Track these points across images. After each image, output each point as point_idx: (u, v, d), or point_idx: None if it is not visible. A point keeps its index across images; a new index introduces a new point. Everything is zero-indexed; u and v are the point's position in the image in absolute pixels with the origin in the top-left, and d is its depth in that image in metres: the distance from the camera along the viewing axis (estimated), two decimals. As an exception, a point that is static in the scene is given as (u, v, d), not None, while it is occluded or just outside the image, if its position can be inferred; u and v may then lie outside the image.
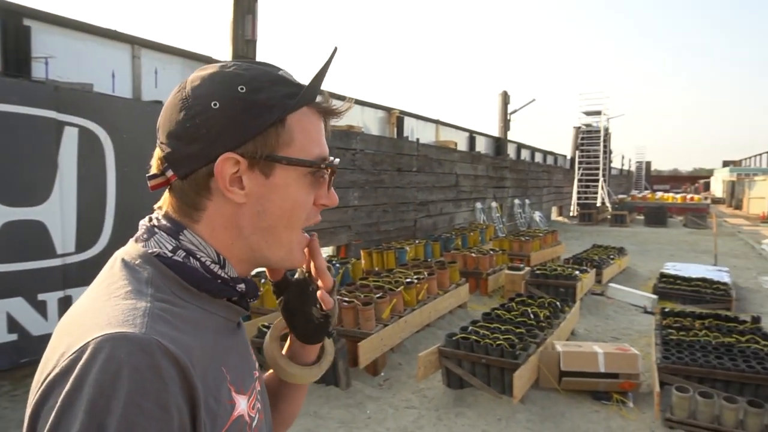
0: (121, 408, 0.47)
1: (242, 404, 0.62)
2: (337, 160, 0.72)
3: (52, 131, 4.09)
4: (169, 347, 0.52)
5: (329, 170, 0.69)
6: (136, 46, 5.68)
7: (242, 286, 0.67)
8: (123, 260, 0.62)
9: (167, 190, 0.67)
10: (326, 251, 8.29)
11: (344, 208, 7.81)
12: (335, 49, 0.67)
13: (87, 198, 4.33)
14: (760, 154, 47.41)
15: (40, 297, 4.05)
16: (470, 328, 4.57)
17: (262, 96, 0.63)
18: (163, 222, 0.65)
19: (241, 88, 0.62)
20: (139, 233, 0.66)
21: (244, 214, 0.65)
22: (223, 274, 0.65)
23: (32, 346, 3.94)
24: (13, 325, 3.89)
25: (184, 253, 0.63)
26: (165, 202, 0.67)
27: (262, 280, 5.32)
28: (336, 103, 0.71)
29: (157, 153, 0.66)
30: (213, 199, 0.64)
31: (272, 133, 0.64)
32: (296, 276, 0.83)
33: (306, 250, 0.77)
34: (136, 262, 0.62)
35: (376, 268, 7.17)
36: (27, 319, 3.96)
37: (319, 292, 0.80)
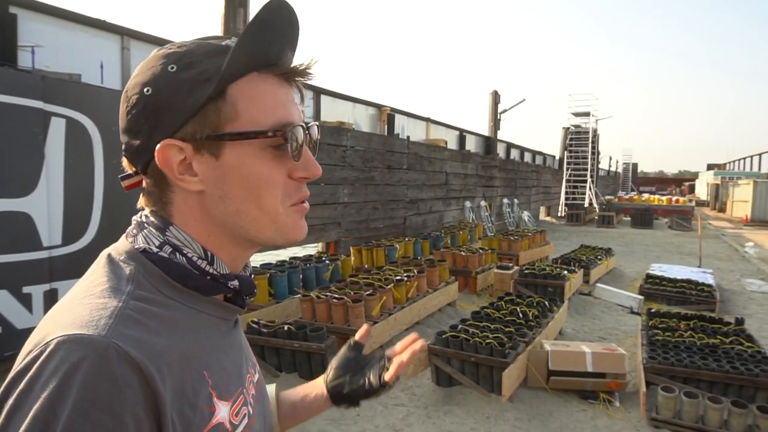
0: (67, 414, 0.45)
1: (223, 411, 0.59)
2: (313, 124, 0.66)
3: (39, 122, 4.02)
4: (129, 352, 0.49)
5: (296, 136, 0.61)
6: (125, 37, 5.60)
7: (235, 282, 0.64)
8: (109, 255, 0.60)
9: (133, 184, 0.65)
10: (315, 247, 8.27)
11: (334, 204, 7.79)
12: (274, 3, 0.58)
13: (74, 190, 4.27)
14: (744, 158, 48.15)
15: (25, 290, 3.98)
16: (460, 326, 4.58)
17: (193, 71, 0.58)
18: (152, 218, 0.62)
19: (171, 68, 0.58)
20: (129, 229, 0.64)
21: (209, 201, 0.60)
22: (211, 270, 0.61)
23: (16, 339, 3.87)
24: (-3, 318, 3.82)
25: (171, 249, 0.60)
26: (141, 200, 0.64)
27: (252, 276, 5.29)
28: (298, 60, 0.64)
29: None
30: (176, 191, 0.61)
31: (211, 110, 0.58)
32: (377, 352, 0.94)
33: (409, 341, 0.91)
34: (121, 258, 0.59)
35: (366, 265, 7.16)
36: (11, 312, 3.89)
37: (392, 369, 0.90)
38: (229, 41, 0.62)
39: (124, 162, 0.63)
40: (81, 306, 0.53)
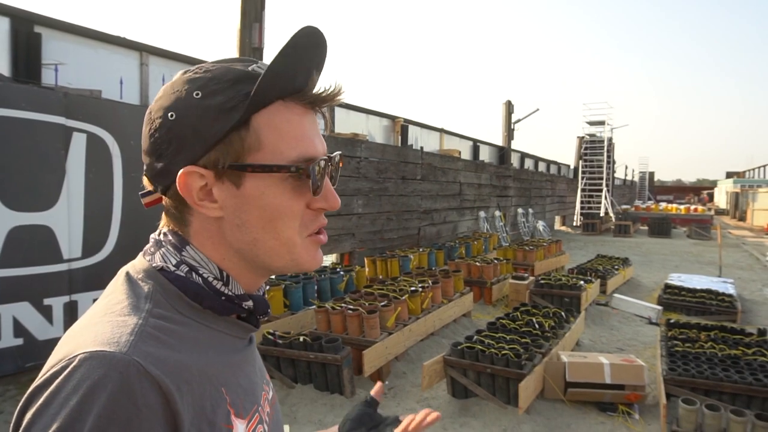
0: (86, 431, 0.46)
1: (240, 429, 0.59)
2: (337, 154, 0.67)
3: (61, 137, 4.12)
4: (150, 370, 0.49)
5: (319, 170, 0.61)
6: (144, 53, 5.73)
7: (249, 303, 0.64)
8: (127, 274, 0.61)
9: (153, 202, 0.66)
10: (330, 258, 8.29)
11: (348, 215, 7.82)
12: (306, 31, 0.59)
13: (94, 204, 4.35)
14: (764, 166, 47.33)
15: (46, 302, 4.06)
16: (475, 337, 4.55)
17: (218, 99, 0.58)
18: (170, 237, 0.63)
19: (197, 94, 0.58)
20: (147, 247, 0.64)
21: (226, 228, 0.61)
22: (227, 291, 0.62)
23: (37, 351, 3.94)
24: (19, 329, 3.89)
25: (187, 269, 0.61)
26: (163, 218, 0.66)
27: (267, 287, 5.32)
28: (324, 87, 0.63)
29: None
30: (194, 215, 0.62)
31: (235, 139, 0.58)
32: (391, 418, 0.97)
33: (421, 417, 0.94)
34: (139, 276, 0.60)
35: (380, 276, 7.17)
36: (33, 324, 3.97)
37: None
38: (256, 66, 0.61)
39: (145, 180, 0.64)
40: (102, 323, 0.54)
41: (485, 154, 16.02)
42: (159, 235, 0.64)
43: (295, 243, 0.62)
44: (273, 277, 5.95)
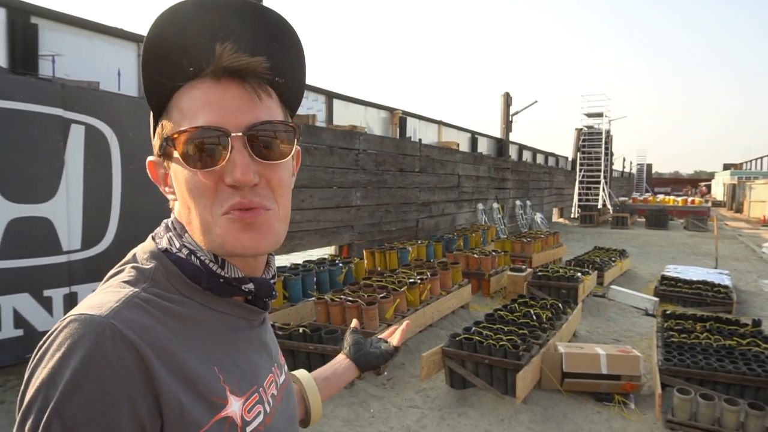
0: (63, 384, 0.49)
1: (235, 405, 0.60)
2: (257, 126, 0.60)
3: (59, 129, 4.11)
4: (126, 333, 0.52)
5: (191, 141, 0.58)
6: (141, 44, 5.70)
7: (250, 285, 0.65)
8: (134, 255, 0.64)
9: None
10: (328, 250, 8.31)
11: (347, 207, 7.83)
12: (171, 10, 0.58)
13: (93, 195, 4.35)
14: (761, 158, 47.43)
15: (46, 293, 4.07)
16: (473, 328, 4.59)
17: (145, 83, 0.61)
18: (174, 223, 0.66)
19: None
20: (157, 230, 0.67)
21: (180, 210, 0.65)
22: (223, 274, 0.63)
23: (38, 342, 3.91)
24: (19, 320, 3.91)
25: (188, 251, 0.63)
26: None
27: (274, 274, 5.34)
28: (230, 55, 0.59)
29: None
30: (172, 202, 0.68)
31: (164, 125, 0.62)
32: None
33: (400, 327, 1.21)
34: (144, 257, 0.63)
35: (379, 268, 7.20)
36: (33, 315, 3.98)
37: (397, 334, 1.24)
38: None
39: None
40: (98, 294, 0.58)
41: (483, 146, 16.02)
42: (169, 222, 0.67)
43: (208, 222, 0.60)
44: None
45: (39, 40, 4.69)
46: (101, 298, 0.56)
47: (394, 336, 1.22)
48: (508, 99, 16.71)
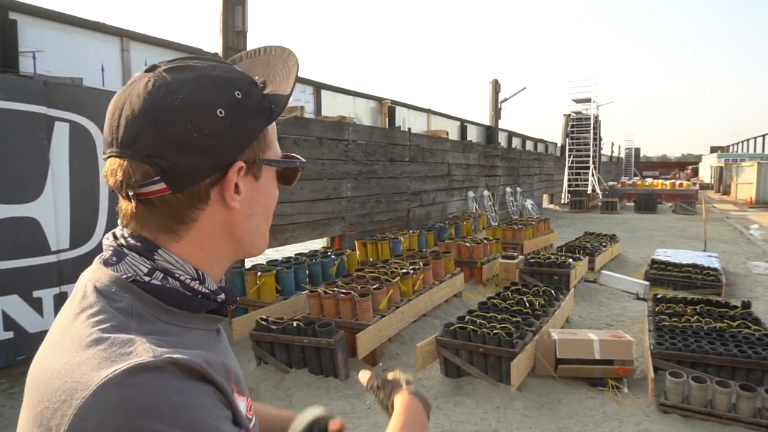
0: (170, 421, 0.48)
1: (241, 405, 0.61)
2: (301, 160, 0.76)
3: (43, 127, 4.04)
4: (181, 360, 0.52)
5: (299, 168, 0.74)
6: (125, 39, 5.60)
7: (222, 296, 0.65)
8: (96, 288, 0.59)
9: (135, 205, 0.59)
10: (320, 242, 8.29)
11: (337, 199, 7.81)
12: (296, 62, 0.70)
13: (80, 194, 4.30)
14: (748, 140, 47.89)
15: (36, 294, 4.03)
16: (467, 317, 4.60)
17: (252, 100, 0.63)
18: (132, 241, 0.61)
19: (238, 94, 0.61)
20: (106, 255, 0.62)
21: (236, 219, 0.65)
22: (203, 290, 0.63)
23: (28, 343, 3.93)
24: (8, 322, 3.87)
25: (162, 275, 0.60)
26: (132, 218, 0.62)
27: (259, 273, 5.32)
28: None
29: (134, 166, 0.58)
30: (207, 209, 0.62)
31: (261, 138, 0.65)
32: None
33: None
34: (112, 290, 0.58)
35: (371, 259, 7.20)
36: (23, 317, 3.94)
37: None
38: (242, 69, 0.68)
39: (121, 178, 0.59)
40: (102, 345, 0.52)
41: (473, 134, 16.01)
42: (117, 239, 0.62)
43: (269, 227, 0.72)
44: (264, 263, 5.95)
45: (18, 36, 4.59)
46: (116, 347, 0.52)
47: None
48: (496, 86, 16.69)
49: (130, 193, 0.59)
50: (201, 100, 0.58)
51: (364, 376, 1.02)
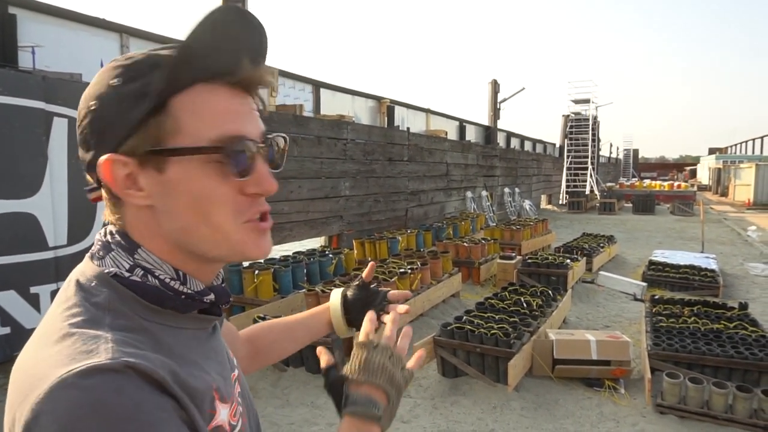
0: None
1: (223, 413, 0.60)
2: (276, 135, 0.65)
3: (42, 122, 4.03)
4: (139, 365, 0.49)
5: (247, 151, 0.59)
6: (124, 35, 5.59)
7: (211, 296, 0.64)
8: (77, 282, 0.58)
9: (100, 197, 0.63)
10: (318, 241, 8.29)
11: (336, 198, 7.80)
12: (224, 8, 0.58)
13: (78, 190, 4.28)
14: (746, 141, 47.99)
15: (33, 290, 4.02)
16: (464, 317, 4.61)
17: (135, 85, 0.56)
18: (117, 237, 0.60)
19: (115, 81, 0.57)
20: (94, 249, 0.62)
21: (159, 217, 0.59)
22: (185, 290, 0.61)
23: (25, 339, 3.83)
24: (5, 318, 3.86)
25: (142, 272, 0.59)
26: (105, 213, 0.63)
27: (256, 272, 5.32)
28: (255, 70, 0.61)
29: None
30: (126, 206, 0.60)
31: (152, 124, 0.56)
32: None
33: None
34: (92, 284, 0.58)
35: (369, 258, 7.19)
36: (20, 312, 3.93)
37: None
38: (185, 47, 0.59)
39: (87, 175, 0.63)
40: (68, 341, 0.51)
41: (471, 134, 16.02)
42: (106, 235, 0.62)
43: (229, 230, 0.60)
44: (262, 261, 5.94)
45: (18, 31, 4.57)
46: (80, 344, 0.51)
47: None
48: (495, 86, 16.70)
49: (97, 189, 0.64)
50: (85, 95, 0.59)
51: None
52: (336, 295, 1.09)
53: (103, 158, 0.57)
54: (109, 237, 0.61)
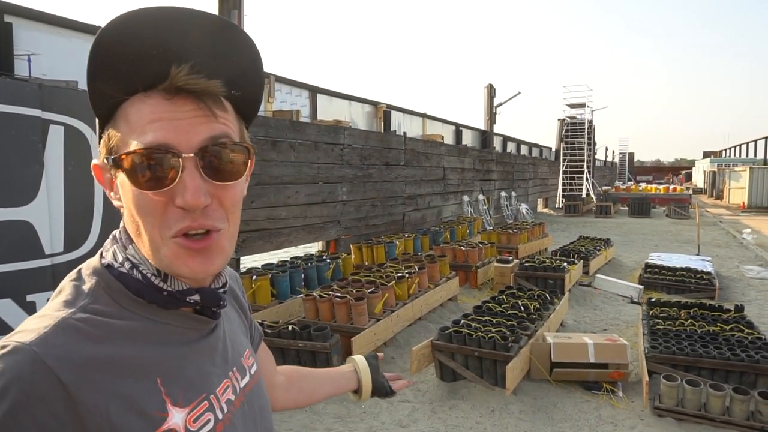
0: None
1: (176, 417, 0.60)
2: (212, 147, 0.59)
3: (37, 130, 4.03)
4: (46, 361, 0.52)
5: (144, 161, 0.56)
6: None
7: (195, 297, 0.64)
8: (79, 270, 0.64)
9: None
10: (316, 246, 8.28)
11: (333, 203, 7.81)
12: (121, 19, 0.56)
13: (74, 197, 4.28)
14: (740, 145, 48.22)
15: (29, 298, 4.00)
16: (462, 321, 4.61)
17: (90, 92, 0.59)
18: (122, 234, 0.65)
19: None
20: (105, 242, 0.67)
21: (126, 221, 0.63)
22: (165, 287, 0.62)
23: (22, 348, 3.89)
24: (2, 326, 3.83)
25: (130, 265, 0.62)
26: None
27: (254, 277, 5.31)
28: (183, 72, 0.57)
29: None
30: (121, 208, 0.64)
31: (111, 134, 0.59)
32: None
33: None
34: (88, 273, 0.63)
35: (366, 263, 7.19)
36: (16, 321, 3.91)
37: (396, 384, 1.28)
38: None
39: None
40: (35, 318, 0.57)
41: (468, 139, 16.06)
42: (118, 231, 0.67)
43: (156, 242, 0.59)
44: (260, 266, 5.94)
45: (14, 39, 4.58)
46: (35, 322, 0.56)
47: (396, 382, 1.28)
48: (491, 91, 16.75)
49: None
50: None
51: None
52: (363, 361, 1.23)
53: (93, 162, 0.64)
54: (118, 233, 0.66)
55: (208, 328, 0.69)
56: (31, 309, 3.98)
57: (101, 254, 0.65)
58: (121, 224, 0.65)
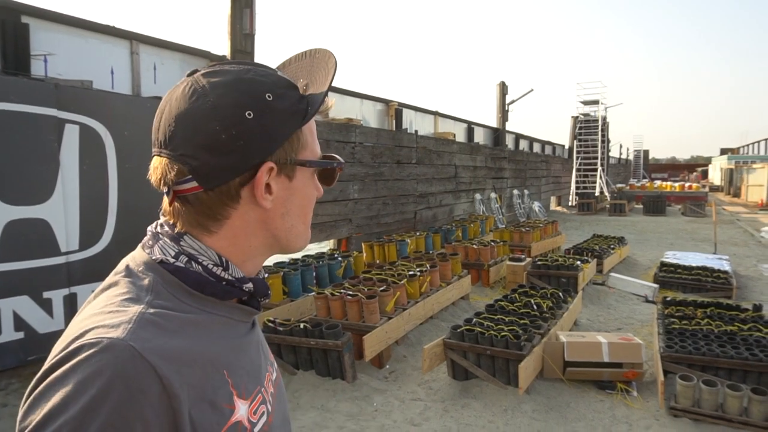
0: (80, 411, 0.49)
1: (242, 409, 0.62)
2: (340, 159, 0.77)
3: (54, 129, 4.08)
4: (145, 355, 0.52)
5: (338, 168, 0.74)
6: (134, 41, 5.64)
7: (249, 285, 0.67)
8: (127, 266, 0.64)
9: (172, 199, 0.64)
10: (327, 244, 8.30)
11: (344, 201, 7.81)
12: (335, 63, 0.70)
13: (89, 195, 4.33)
14: (758, 142, 47.43)
15: (46, 295, 4.06)
16: (474, 319, 4.59)
17: (285, 103, 0.64)
18: (166, 228, 0.66)
19: (269, 96, 0.63)
20: (145, 239, 0.67)
21: (269, 218, 0.67)
22: (226, 276, 0.65)
23: (39, 344, 3.95)
24: (19, 323, 3.89)
25: (186, 258, 0.63)
26: (170, 212, 0.66)
27: (266, 275, 5.33)
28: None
29: (170, 165, 0.62)
30: (238, 208, 0.65)
31: (295, 139, 0.66)
32: None
33: None
34: (140, 269, 0.63)
35: (378, 261, 7.19)
36: (33, 318, 3.97)
37: None
38: (281, 74, 0.68)
39: (160, 175, 0.64)
40: (103, 314, 0.57)
41: (480, 136, 15.97)
42: (156, 227, 0.67)
43: (309, 226, 0.73)
44: (272, 264, 5.96)
45: (30, 39, 4.63)
46: (109, 318, 0.55)
47: None
48: (503, 88, 16.64)
49: (166, 190, 0.64)
50: (230, 103, 0.61)
51: None
52: None
53: (265, 164, 0.64)
54: (158, 228, 0.67)
55: (251, 321, 0.73)
56: (46, 306, 4.04)
57: (145, 251, 0.65)
58: (161, 220, 0.67)
